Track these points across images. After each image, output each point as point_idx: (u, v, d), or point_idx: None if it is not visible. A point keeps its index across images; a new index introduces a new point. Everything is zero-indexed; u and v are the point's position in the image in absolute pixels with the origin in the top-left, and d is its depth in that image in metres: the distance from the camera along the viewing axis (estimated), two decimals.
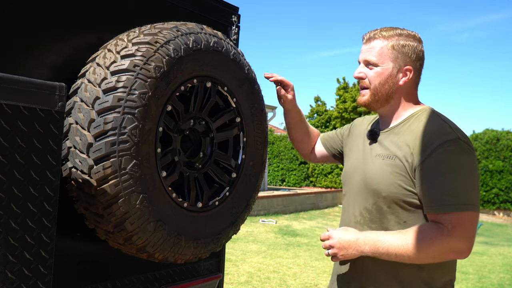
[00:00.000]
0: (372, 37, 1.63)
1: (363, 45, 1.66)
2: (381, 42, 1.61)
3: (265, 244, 8.33)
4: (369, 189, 1.59)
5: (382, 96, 1.62)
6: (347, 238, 1.53)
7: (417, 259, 1.44)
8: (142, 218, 1.45)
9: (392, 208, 1.54)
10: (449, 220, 1.41)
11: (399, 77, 1.61)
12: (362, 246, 1.50)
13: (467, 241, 1.42)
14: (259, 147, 1.93)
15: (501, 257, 8.46)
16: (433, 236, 1.41)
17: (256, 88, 1.90)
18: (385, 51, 1.60)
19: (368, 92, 1.64)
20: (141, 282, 1.77)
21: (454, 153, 1.46)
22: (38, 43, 1.46)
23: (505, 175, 17.96)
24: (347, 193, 1.73)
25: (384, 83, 1.61)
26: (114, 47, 1.48)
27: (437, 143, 1.46)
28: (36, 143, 1.06)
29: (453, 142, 1.46)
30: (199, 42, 1.60)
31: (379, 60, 1.60)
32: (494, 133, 18.84)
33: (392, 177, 1.52)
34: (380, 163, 1.57)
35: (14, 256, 1.02)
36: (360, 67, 1.66)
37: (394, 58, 1.59)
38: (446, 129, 1.50)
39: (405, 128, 1.59)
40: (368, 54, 1.62)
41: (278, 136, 20.68)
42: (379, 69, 1.61)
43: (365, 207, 1.61)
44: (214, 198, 1.77)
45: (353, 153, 1.77)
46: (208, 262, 2.08)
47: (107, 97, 1.39)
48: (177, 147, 1.66)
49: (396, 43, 1.60)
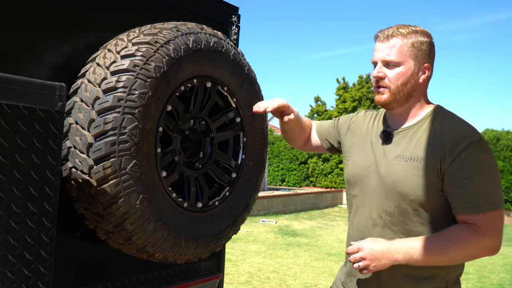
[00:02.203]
0: (390, 35, 1.57)
1: (379, 43, 1.59)
2: (400, 40, 1.55)
3: (265, 244, 8.33)
4: (392, 192, 1.54)
5: (403, 96, 1.58)
6: (378, 248, 1.47)
7: (452, 261, 1.47)
8: (142, 218, 1.45)
9: (417, 211, 1.52)
10: (483, 220, 1.43)
11: (419, 75, 1.58)
12: (395, 255, 1.46)
13: (499, 237, 1.46)
14: (259, 147, 1.93)
15: (501, 257, 8.46)
16: (468, 237, 1.43)
17: (256, 88, 1.90)
18: (406, 49, 1.55)
19: (387, 92, 1.58)
20: (141, 282, 1.77)
21: (480, 154, 1.47)
22: (38, 43, 1.46)
23: (505, 175, 17.96)
24: (359, 195, 1.66)
25: (406, 83, 1.57)
26: (114, 47, 1.48)
27: (463, 145, 1.47)
28: (36, 143, 1.06)
29: (477, 143, 1.48)
30: (199, 42, 1.60)
31: (400, 59, 1.55)
32: (494, 133, 18.83)
33: (419, 180, 1.49)
34: (404, 165, 1.53)
35: (14, 256, 1.02)
36: (379, 66, 1.59)
37: (414, 56, 1.56)
38: (468, 130, 1.51)
39: (424, 129, 1.56)
40: (388, 53, 1.56)
41: (278, 136, 20.68)
42: (402, 68, 1.56)
43: (385, 210, 1.57)
44: (214, 198, 1.77)
45: (360, 153, 1.69)
46: (208, 262, 2.08)
47: (107, 97, 1.39)
48: (177, 147, 1.66)
49: (415, 40, 1.56)
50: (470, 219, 1.45)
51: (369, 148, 1.66)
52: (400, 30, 1.57)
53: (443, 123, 1.54)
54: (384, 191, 1.56)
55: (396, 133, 1.61)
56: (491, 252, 1.47)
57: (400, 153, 1.56)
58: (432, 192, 1.49)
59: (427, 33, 1.60)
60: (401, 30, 1.57)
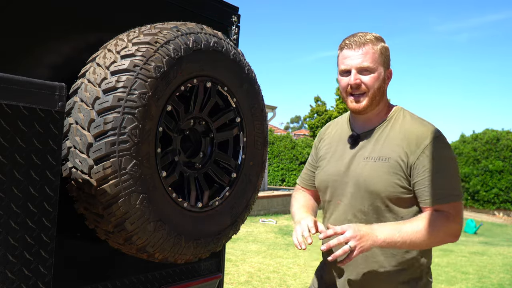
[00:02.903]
0: (361, 43, 1.64)
1: (349, 51, 1.65)
2: (371, 47, 1.64)
3: (265, 244, 8.33)
4: (366, 191, 1.62)
5: (377, 100, 1.67)
6: (363, 228, 1.51)
7: (427, 244, 1.57)
8: (142, 218, 1.45)
9: (389, 207, 1.61)
10: (453, 208, 1.57)
11: (386, 79, 1.69)
12: (378, 235, 1.50)
13: (462, 225, 1.60)
14: (259, 147, 1.93)
15: (501, 257, 8.46)
16: (442, 222, 1.54)
17: (256, 88, 1.90)
18: (377, 56, 1.65)
19: (365, 98, 1.65)
20: (141, 282, 1.77)
21: (443, 149, 1.60)
22: (38, 43, 1.46)
23: (505, 175, 17.95)
24: (332, 200, 1.73)
25: (380, 87, 1.66)
26: (114, 47, 1.48)
27: (427, 141, 1.59)
28: (36, 143, 1.06)
29: (439, 139, 1.61)
30: (199, 42, 1.60)
31: (374, 65, 1.64)
32: (494, 133, 18.83)
33: (389, 177, 1.59)
34: (373, 165, 1.62)
35: (14, 256, 1.02)
36: (354, 74, 1.64)
37: (382, 62, 1.66)
38: (430, 128, 1.63)
39: (389, 129, 1.67)
40: (363, 60, 1.63)
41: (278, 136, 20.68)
42: (376, 74, 1.64)
43: (359, 209, 1.65)
44: (214, 198, 1.76)
45: (330, 161, 1.77)
46: (208, 262, 2.08)
47: (107, 97, 1.39)
48: (177, 147, 1.65)
49: (381, 46, 1.67)
50: (441, 208, 1.57)
51: (338, 154, 1.76)
52: (368, 38, 1.65)
53: (406, 122, 1.66)
54: (357, 192, 1.65)
55: (363, 136, 1.71)
56: (455, 237, 1.59)
57: (368, 154, 1.65)
58: (402, 188, 1.59)
59: (384, 39, 1.72)
60: (369, 37, 1.65)
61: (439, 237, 1.56)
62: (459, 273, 6.97)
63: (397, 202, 1.60)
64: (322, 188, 1.78)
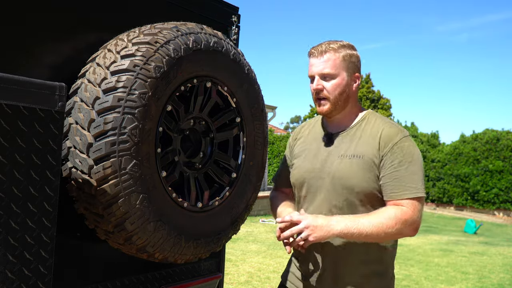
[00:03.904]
0: (323, 50, 1.76)
1: (314, 59, 1.79)
2: (333, 54, 1.76)
3: (265, 244, 8.33)
4: (340, 187, 1.73)
5: (341, 104, 1.79)
6: (319, 219, 1.63)
7: (384, 237, 1.65)
8: (142, 218, 1.45)
9: (363, 201, 1.72)
10: (411, 202, 1.66)
11: (352, 84, 1.80)
12: (335, 226, 1.60)
13: (420, 220, 1.68)
14: (259, 147, 1.93)
15: (501, 257, 8.46)
16: (399, 216, 1.63)
17: (256, 88, 1.90)
18: (338, 62, 1.76)
19: (327, 102, 1.78)
20: (141, 282, 1.77)
21: (409, 147, 1.71)
22: (38, 43, 1.46)
23: (505, 175, 17.95)
24: (308, 196, 1.84)
25: (342, 92, 1.77)
26: (114, 47, 1.48)
27: (395, 140, 1.71)
28: (36, 143, 1.06)
29: (406, 138, 1.73)
30: (199, 42, 1.60)
31: (335, 71, 1.75)
32: (494, 133, 18.83)
33: (363, 173, 1.70)
34: (348, 162, 1.73)
35: (14, 256, 1.02)
36: (317, 80, 1.78)
37: (346, 67, 1.77)
38: (399, 128, 1.76)
39: (362, 130, 1.78)
40: (324, 67, 1.76)
41: (278, 136, 20.69)
42: (337, 80, 1.76)
43: (334, 205, 1.75)
44: (214, 198, 1.76)
45: (305, 159, 1.87)
46: (208, 262, 2.08)
47: (107, 97, 1.39)
48: (177, 147, 1.65)
49: (345, 53, 1.77)
50: (400, 203, 1.66)
51: (313, 152, 1.86)
52: (331, 46, 1.77)
53: (377, 124, 1.78)
54: (332, 188, 1.75)
55: (337, 136, 1.82)
56: (413, 231, 1.67)
57: (343, 152, 1.76)
58: (374, 183, 1.70)
59: (353, 47, 1.82)
60: (332, 45, 1.77)
61: (395, 230, 1.62)
62: (459, 273, 6.97)
63: (370, 198, 1.71)
64: (298, 184, 1.88)
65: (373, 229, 1.61)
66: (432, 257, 8.26)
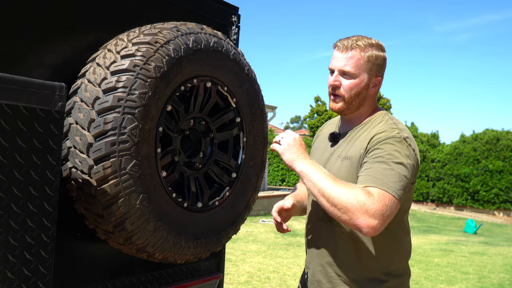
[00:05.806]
0: (349, 47, 1.66)
1: (338, 52, 1.68)
2: (358, 53, 1.65)
3: (265, 244, 8.33)
4: None
5: (355, 105, 1.70)
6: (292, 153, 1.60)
7: (332, 205, 1.49)
8: (142, 218, 1.45)
9: None
10: (381, 193, 1.48)
11: (371, 87, 1.70)
12: (297, 162, 1.58)
13: (381, 219, 1.46)
14: (259, 147, 1.93)
15: (501, 257, 8.46)
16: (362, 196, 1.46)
17: (256, 88, 1.90)
18: (362, 62, 1.65)
19: (341, 101, 1.69)
20: (141, 282, 1.77)
21: (393, 145, 1.57)
22: (38, 43, 1.46)
23: (505, 175, 17.95)
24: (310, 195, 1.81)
25: (358, 93, 1.68)
26: (114, 47, 1.48)
27: (381, 139, 1.59)
28: (36, 143, 1.06)
29: (394, 139, 1.58)
30: (199, 42, 1.60)
31: (356, 71, 1.65)
32: (494, 133, 18.83)
33: (349, 176, 1.62)
34: (339, 163, 1.69)
35: (14, 256, 1.02)
36: (336, 75, 1.69)
37: (369, 69, 1.66)
38: (392, 129, 1.63)
39: (362, 131, 1.70)
40: (345, 64, 1.66)
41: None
42: (357, 80, 1.66)
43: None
44: (214, 198, 1.77)
45: (315, 156, 1.85)
46: (208, 262, 2.08)
47: (107, 97, 1.39)
48: (177, 147, 1.65)
49: (371, 54, 1.66)
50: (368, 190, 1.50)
51: (322, 150, 1.83)
52: (358, 43, 1.66)
53: (378, 126, 1.67)
54: None
55: (342, 136, 1.77)
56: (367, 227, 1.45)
57: (340, 153, 1.72)
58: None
59: (382, 47, 1.71)
60: (359, 42, 1.66)
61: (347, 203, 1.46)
62: (459, 273, 6.97)
63: None
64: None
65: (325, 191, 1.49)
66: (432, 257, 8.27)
